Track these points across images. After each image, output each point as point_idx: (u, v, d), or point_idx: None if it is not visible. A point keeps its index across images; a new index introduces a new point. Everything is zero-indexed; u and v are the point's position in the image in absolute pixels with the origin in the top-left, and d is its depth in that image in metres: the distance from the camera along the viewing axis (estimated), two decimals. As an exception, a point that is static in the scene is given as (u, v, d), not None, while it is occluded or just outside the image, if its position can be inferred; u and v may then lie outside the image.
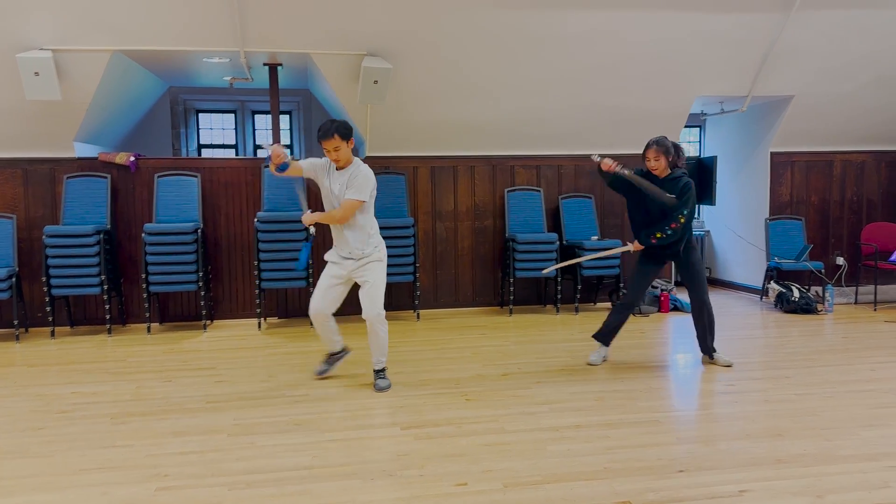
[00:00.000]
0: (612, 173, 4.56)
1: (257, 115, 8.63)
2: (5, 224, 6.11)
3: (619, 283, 7.07)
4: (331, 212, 4.22)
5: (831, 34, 6.47)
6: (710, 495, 2.85)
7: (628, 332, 6.04)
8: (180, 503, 2.86)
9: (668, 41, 6.33)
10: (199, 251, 6.13)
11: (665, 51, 6.42)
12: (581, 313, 6.93)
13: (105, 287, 6.00)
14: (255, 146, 3.99)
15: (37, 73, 5.50)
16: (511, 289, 6.91)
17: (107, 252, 6.11)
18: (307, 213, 4.27)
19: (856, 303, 7.43)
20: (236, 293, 6.70)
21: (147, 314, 6.19)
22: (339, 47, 5.97)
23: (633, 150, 7.33)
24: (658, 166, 4.65)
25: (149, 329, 6.23)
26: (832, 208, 7.79)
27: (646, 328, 6.25)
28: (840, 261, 7.72)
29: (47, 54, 5.52)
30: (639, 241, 4.75)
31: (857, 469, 3.09)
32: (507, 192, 7.12)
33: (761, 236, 7.56)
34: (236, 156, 8.53)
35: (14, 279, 5.95)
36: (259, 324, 6.41)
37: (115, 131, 7.09)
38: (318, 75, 6.60)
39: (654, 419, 3.79)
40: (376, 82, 5.92)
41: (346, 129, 4.10)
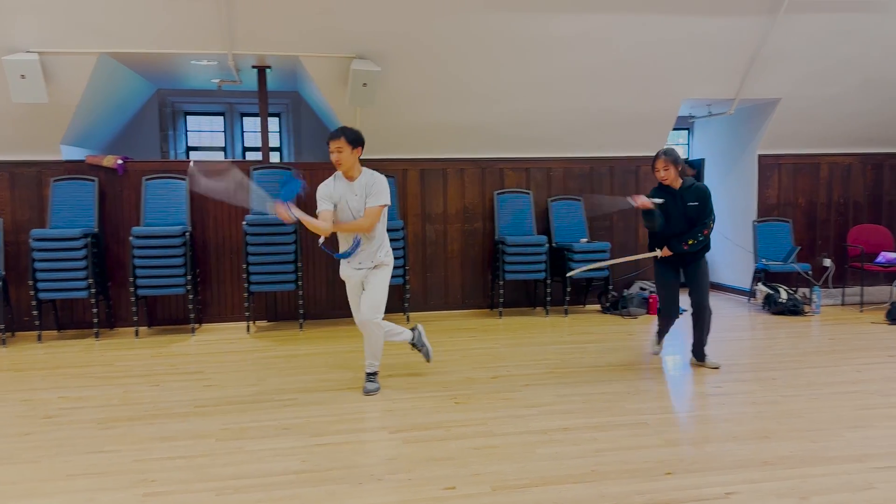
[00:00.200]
0: (649, 209, 4.71)
1: (246, 118, 8.61)
2: (-9, 227, 6.08)
3: (608, 286, 7.09)
4: (357, 221, 4.17)
5: (818, 38, 6.53)
6: (696, 498, 2.87)
7: (617, 334, 6.10)
8: (167, 509, 2.85)
9: (656, 44, 6.36)
10: (187, 254, 6.11)
11: (653, 54, 6.46)
12: (570, 315, 6.95)
13: (92, 291, 5.97)
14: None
15: (23, 76, 5.48)
16: (501, 291, 6.92)
17: (94, 255, 6.08)
18: (287, 206, 3.99)
19: (843, 304, 7.48)
20: (225, 296, 6.67)
21: (135, 318, 6.16)
22: (328, 50, 5.97)
23: (622, 153, 7.41)
24: (668, 176, 4.73)
25: (137, 333, 6.20)
26: (819, 210, 7.85)
27: (634, 330, 6.27)
28: (827, 262, 7.78)
29: (34, 57, 5.50)
30: (669, 248, 4.80)
31: (842, 470, 3.12)
32: (497, 194, 7.13)
33: (749, 238, 7.61)
34: (225, 158, 8.50)
35: (0, 283, 5.91)
36: (248, 327, 6.39)
37: (103, 134, 7.05)
38: (307, 78, 6.59)
39: (641, 421, 3.81)
40: (365, 85, 5.92)
41: (356, 137, 4.17)
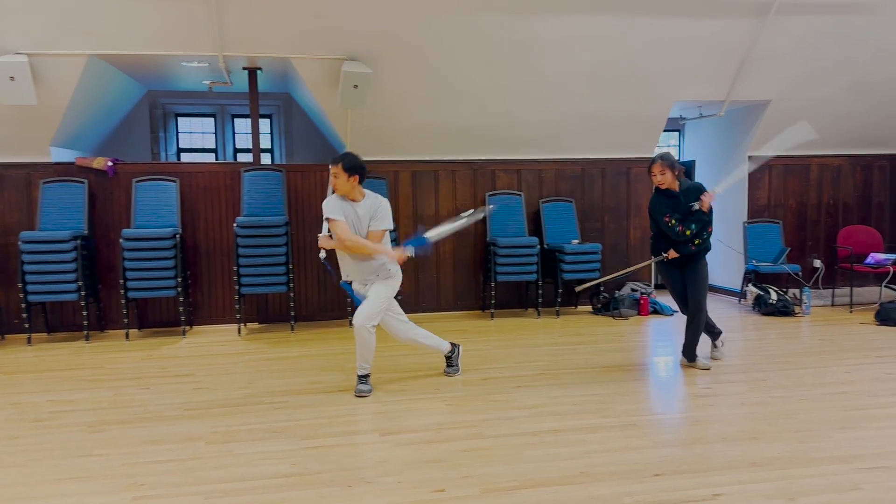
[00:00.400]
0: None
1: (237, 119, 8.60)
2: (-20, 230, 6.05)
3: (600, 287, 7.11)
4: (364, 242, 4.34)
5: (807, 40, 6.56)
6: (685, 499, 2.88)
7: (607, 335, 6.11)
8: (156, 513, 2.85)
9: (646, 46, 6.38)
10: (177, 256, 6.09)
11: (644, 56, 6.48)
12: (562, 317, 6.97)
13: (82, 293, 5.95)
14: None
15: (12, 78, 5.46)
16: (492, 293, 6.93)
17: (84, 258, 6.05)
18: (325, 235, 4.40)
19: (832, 305, 7.52)
20: (216, 299, 6.66)
21: (125, 320, 6.14)
22: (319, 51, 5.96)
23: (613, 155, 7.43)
24: (665, 180, 4.78)
25: (127, 335, 6.18)
26: (809, 212, 7.89)
27: (625, 331, 6.29)
28: (817, 263, 7.82)
29: (23, 59, 5.47)
30: (676, 250, 4.83)
31: (829, 471, 3.13)
32: (488, 196, 7.14)
33: (739, 239, 7.64)
34: (216, 160, 8.49)
35: (-11, 286, 5.89)
36: (239, 329, 6.38)
37: (93, 136, 7.02)
38: (298, 79, 6.58)
39: (631, 423, 3.82)
40: (356, 87, 5.92)
41: (353, 165, 4.29)
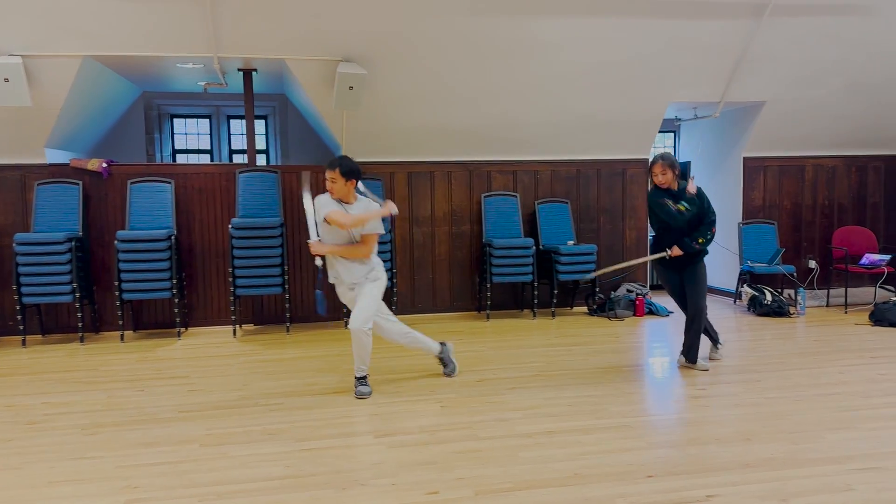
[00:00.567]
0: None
1: (233, 120, 8.58)
2: (-25, 231, 6.03)
3: (596, 288, 7.12)
4: (357, 247, 4.39)
5: (802, 41, 6.57)
6: (678, 500, 2.88)
7: (603, 337, 6.11)
8: (149, 516, 2.85)
9: (642, 48, 6.39)
10: (172, 258, 6.08)
11: (639, 57, 6.48)
12: (558, 318, 6.97)
13: (77, 295, 5.93)
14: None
15: (6, 80, 5.44)
16: (488, 294, 6.93)
17: (79, 259, 6.03)
18: (317, 240, 4.39)
19: (827, 305, 7.54)
20: (211, 300, 6.65)
21: (120, 322, 6.13)
22: (314, 53, 5.96)
23: (609, 156, 7.43)
24: (665, 180, 4.79)
25: (122, 337, 6.17)
26: (804, 212, 7.91)
27: (620, 332, 6.29)
28: (812, 264, 7.83)
29: (17, 60, 5.46)
30: (680, 247, 4.84)
31: (822, 472, 3.14)
32: (484, 197, 7.15)
33: (735, 240, 7.65)
34: (211, 161, 8.48)
35: (-16, 287, 5.88)
36: (234, 331, 6.37)
37: (88, 137, 7.01)
38: (293, 81, 6.58)
39: (626, 424, 3.83)
40: (352, 88, 5.91)
41: (350, 170, 4.33)
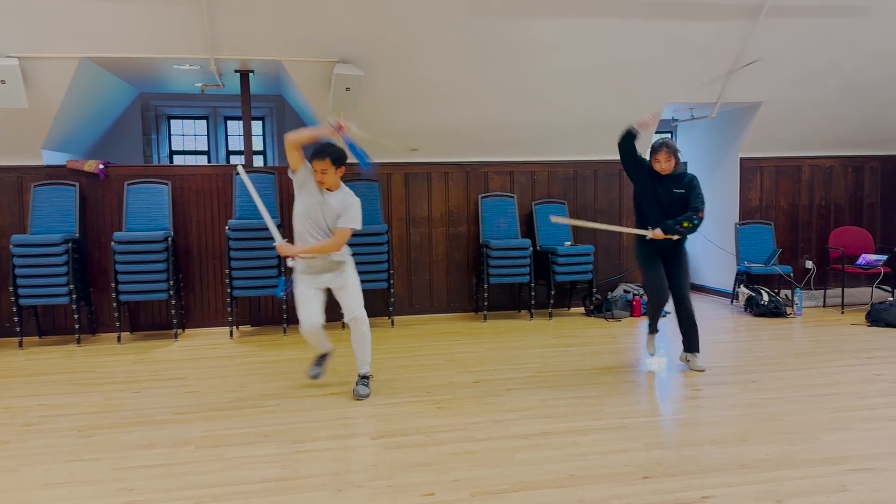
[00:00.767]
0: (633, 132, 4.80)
1: (230, 121, 8.59)
2: (-29, 233, 6.02)
3: (593, 289, 7.12)
4: (325, 243, 4.17)
5: (798, 42, 6.59)
6: (673, 502, 2.89)
7: (600, 337, 6.12)
8: (145, 518, 2.85)
9: (638, 49, 6.39)
10: (169, 259, 6.07)
11: (636, 58, 6.49)
12: (555, 318, 6.98)
13: (74, 296, 5.93)
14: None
15: (3, 81, 5.44)
16: (485, 294, 6.93)
17: (76, 261, 6.03)
18: (283, 242, 4.24)
19: (824, 306, 7.55)
20: (208, 301, 6.65)
21: (117, 323, 6.13)
22: (311, 54, 5.96)
23: (606, 157, 7.43)
24: (668, 167, 4.72)
25: (119, 339, 6.17)
26: (801, 213, 7.91)
27: (617, 333, 6.30)
28: (809, 264, 7.84)
29: (13, 62, 5.46)
30: (664, 230, 4.69)
31: (817, 473, 3.15)
32: (481, 198, 7.15)
33: (731, 241, 7.66)
34: (209, 162, 8.48)
35: (-20, 289, 5.87)
36: (231, 332, 6.37)
37: (85, 139, 7.01)
38: (290, 82, 6.58)
39: (622, 425, 3.83)
40: (348, 89, 5.92)
41: (341, 157, 4.19)
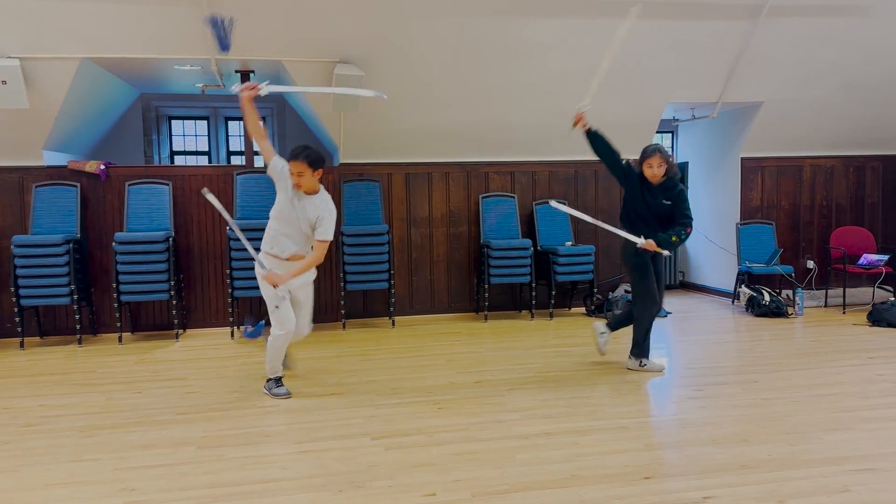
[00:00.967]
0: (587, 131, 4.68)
1: (230, 122, 8.59)
2: (-28, 234, 6.03)
3: (594, 289, 7.12)
4: (308, 260, 4.23)
5: (799, 41, 6.58)
6: (675, 502, 2.88)
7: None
8: (146, 518, 2.84)
9: (639, 49, 6.38)
10: (170, 260, 6.08)
11: (636, 58, 6.48)
12: (556, 319, 6.97)
13: (75, 297, 5.93)
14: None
15: (4, 82, 5.44)
16: (486, 295, 6.93)
17: (77, 262, 6.03)
18: (268, 272, 4.21)
19: (825, 306, 7.54)
20: (209, 302, 6.65)
21: (118, 324, 6.13)
22: (311, 55, 5.97)
23: (606, 157, 7.41)
24: (659, 173, 4.62)
25: (120, 339, 6.17)
26: (802, 213, 7.90)
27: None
28: (810, 264, 7.84)
29: (14, 62, 5.46)
30: (658, 243, 4.58)
31: (819, 473, 3.14)
32: (482, 198, 7.15)
33: (732, 241, 7.65)
34: (209, 163, 8.48)
35: (-19, 290, 5.87)
36: (232, 333, 6.36)
37: (86, 139, 7.01)
38: (290, 82, 6.57)
39: (623, 425, 3.83)
40: (349, 90, 5.92)
41: (317, 159, 4.12)
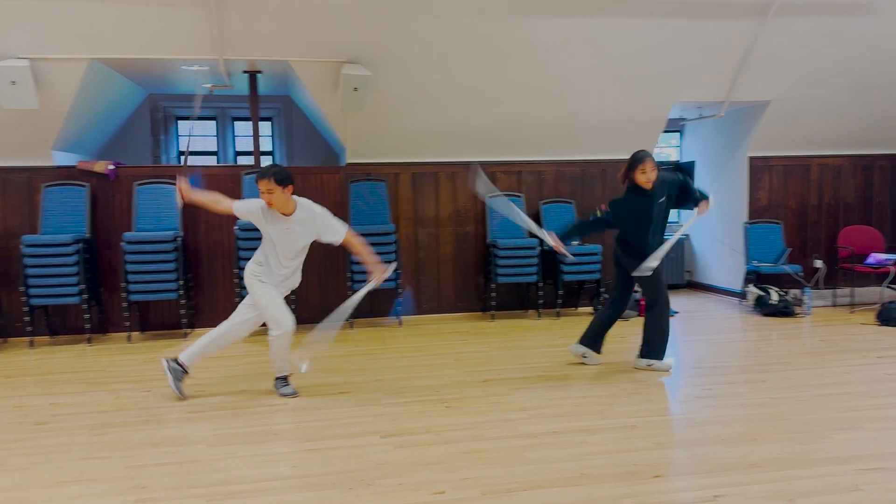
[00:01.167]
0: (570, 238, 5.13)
1: (238, 122, 8.61)
2: (-18, 233, 6.06)
3: (600, 288, 7.11)
4: (364, 248, 4.40)
5: (806, 40, 6.56)
6: (685, 500, 2.89)
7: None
8: (157, 516, 2.86)
9: (645, 47, 6.39)
10: (179, 259, 6.10)
11: (643, 57, 6.48)
12: (563, 318, 6.97)
13: (84, 296, 5.96)
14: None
15: (14, 82, 5.47)
16: (493, 294, 6.93)
17: (86, 261, 6.06)
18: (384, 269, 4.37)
19: (833, 305, 7.52)
20: (217, 301, 6.66)
21: (127, 323, 6.17)
22: (319, 55, 5.98)
23: (612, 156, 7.41)
24: (653, 177, 4.68)
25: (129, 338, 6.20)
26: (810, 212, 7.88)
27: (626, 332, 6.28)
28: (818, 264, 7.81)
29: (24, 63, 5.49)
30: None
31: (828, 472, 3.14)
32: (489, 197, 7.15)
33: (740, 240, 7.64)
34: (217, 163, 8.50)
35: (-8, 289, 5.91)
36: (240, 332, 6.38)
37: (94, 139, 7.05)
38: (298, 82, 6.60)
39: (631, 424, 3.83)
40: (356, 89, 5.93)
41: (284, 176, 4.13)
